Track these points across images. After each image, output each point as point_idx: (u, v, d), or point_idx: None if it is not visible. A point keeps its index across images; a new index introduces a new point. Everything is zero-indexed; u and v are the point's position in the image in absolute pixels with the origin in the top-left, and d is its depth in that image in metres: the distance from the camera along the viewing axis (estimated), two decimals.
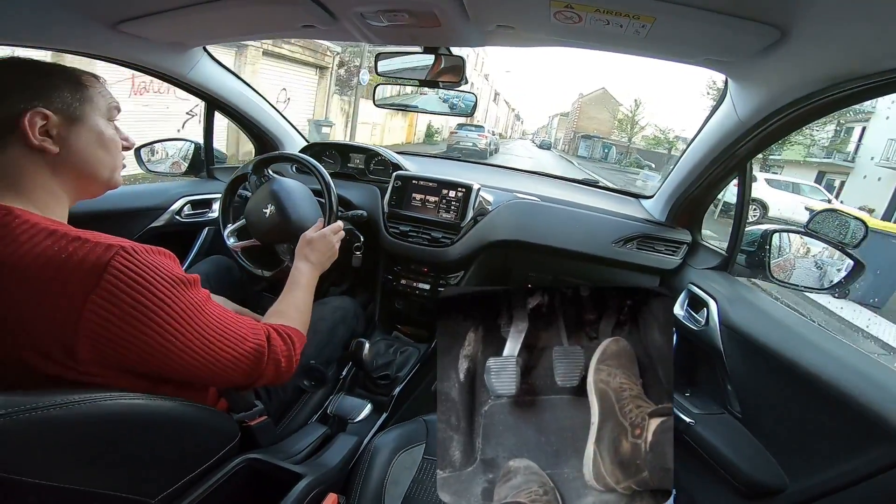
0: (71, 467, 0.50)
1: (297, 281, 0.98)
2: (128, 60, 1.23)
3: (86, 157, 0.66)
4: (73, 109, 0.64)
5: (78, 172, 0.66)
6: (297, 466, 0.83)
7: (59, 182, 0.64)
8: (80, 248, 0.54)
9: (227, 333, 0.67)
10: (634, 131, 35.17)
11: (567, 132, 53.67)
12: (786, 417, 0.92)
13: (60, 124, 0.63)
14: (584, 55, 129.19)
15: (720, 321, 1.10)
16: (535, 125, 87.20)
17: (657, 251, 1.44)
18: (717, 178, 1.25)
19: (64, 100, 0.63)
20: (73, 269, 0.52)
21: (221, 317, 0.67)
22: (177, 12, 0.99)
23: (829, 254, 1.12)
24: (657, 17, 0.71)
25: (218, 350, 0.65)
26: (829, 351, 0.87)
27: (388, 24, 0.96)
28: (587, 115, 45.88)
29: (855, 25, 0.62)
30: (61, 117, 0.63)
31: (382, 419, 1.32)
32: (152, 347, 0.58)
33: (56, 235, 0.55)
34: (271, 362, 0.73)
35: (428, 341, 1.63)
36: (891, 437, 0.69)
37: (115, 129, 0.71)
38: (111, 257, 0.54)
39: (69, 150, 0.64)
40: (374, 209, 1.55)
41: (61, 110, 0.63)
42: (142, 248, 0.58)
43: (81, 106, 0.65)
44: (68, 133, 0.64)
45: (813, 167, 17.50)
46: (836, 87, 0.77)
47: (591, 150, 38.53)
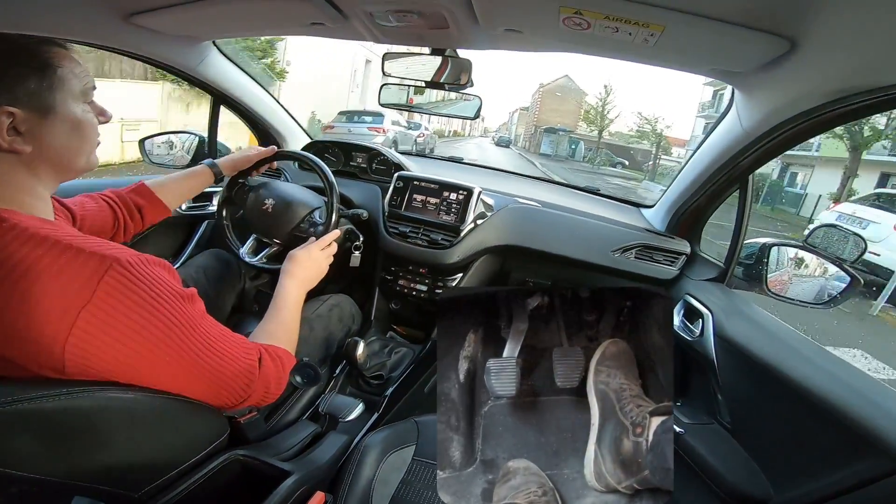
0: (54, 460, 0.50)
1: (284, 299, 0.91)
2: (139, 53, 1.23)
3: (62, 149, 0.61)
4: (42, 100, 0.58)
5: (55, 167, 0.62)
6: (286, 464, 0.82)
7: (36, 179, 0.60)
8: (73, 260, 0.51)
9: (220, 353, 0.64)
10: (605, 123, 30.61)
11: (527, 127, 48.72)
12: (775, 430, 0.92)
13: (30, 119, 0.57)
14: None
15: (714, 333, 1.10)
16: (497, 122, 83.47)
17: (656, 261, 1.44)
18: (719, 189, 1.25)
19: (30, 91, 0.57)
20: (65, 283, 0.50)
21: (215, 335, 0.64)
22: (190, 6, 0.99)
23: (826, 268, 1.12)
24: (667, 25, 0.72)
25: (209, 369, 0.62)
26: (821, 365, 0.87)
27: (396, 25, 0.96)
28: (549, 106, 41.73)
29: (865, 38, 0.62)
30: (29, 111, 0.56)
31: (374, 419, 1.31)
32: (141, 364, 0.55)
33: (48, 244, 0.51)
34: (261, 384, 0.70)
35: (423, 342, 1.63)
36: (876, 450, 0.70)
37: (90, 110, 0.65)
38: (105, 272, 0.51)
39: (43, 145, 0.59)
40: (374, 209, 1.55)
41: (29, 104, 0.56)
42: (137, 261, 0.55)
43: (52, 94, 0.59)
44: (40, 128, 0.58)
45: (874, 167, 13.09)
46: (842, 101, 0.77)
47: (556, 146, 33.31)
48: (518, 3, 0.81)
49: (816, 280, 1.13)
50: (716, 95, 23.79)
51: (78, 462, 0.52)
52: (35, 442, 0.48)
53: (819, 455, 0.80)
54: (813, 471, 0.81)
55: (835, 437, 0.77)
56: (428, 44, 1.11)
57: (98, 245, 0.54)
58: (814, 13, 0.62)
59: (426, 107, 1.38)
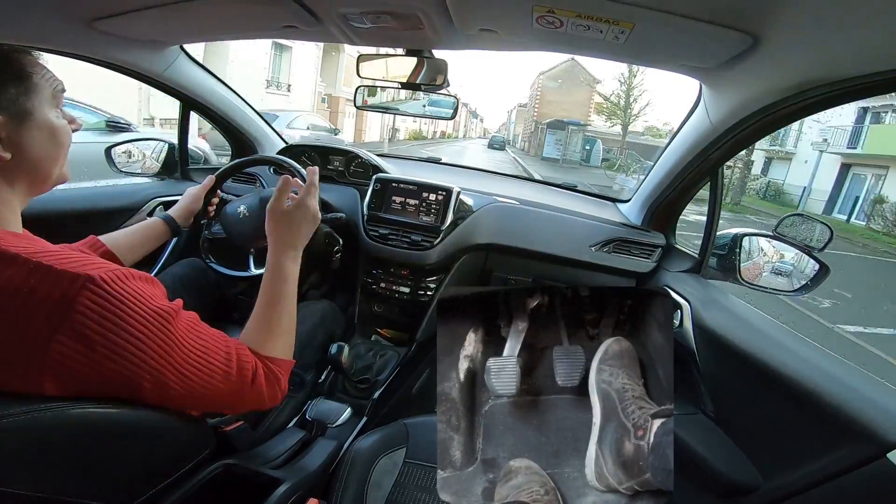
0: (38, 475, 0.48)
1: (283, 277, 0.80)
2: (103, 59, 1.20)
3: (40, 157, 0.60)
4: (19, 106, 0.57)
5: (32, 175, 0.60)
6: (277, 471, 0.81)
7: (11, 190, 0.58)
8: (43, 279, 0.48)
9: (208, 368, 0.60)
10: (630, 115, 22.82)
11: (526, 124, 40.94)
12: (758, 417, 0.94)
13: (8, 126, 0.56)
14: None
15: (693, 323, 1.13)
16: (498, 122, 79.43)
17: (633, 254, 1.47)
18: (691, 182, 1.29)
19: (9, 97, 0.56)
20: (36, 305, 0.47)
21: (203, 349, 0.61)
22: (155, 10, 0.96)
23: (796, 257, 1.16)
24: (636, 23, 0.73)
25: (194, 385, 0.59)
26: (798, 352, 0.90)
27: (371, 27, 0.96)
28: (551, 97, 33.76)
29: (824, 33, 0.65)
30: (8, 117, 0.55)
31: (362, 423, 1.30)
32: (124, 384, 0.53)
33: (17, 263, 0.48)
34: (251, 398, 0.67)
35: (408, 344, 1.63)
36: (859, 436, 0.72)
37: (62, 115, 0.64)
38: (77, 292, 0.48)
39: (21, 152, 0.57)
40: (353, 212, 1.54)
41: (7, 109, 0.55)
42: (115, 277, 0.52)
43: (28, 100, 0.58)
44: (18, 134, 0.57)
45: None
46: (805, 94, 0.80)
47: (564, 145, 23.84)
48: (492, 3, 0.82)
49: (787, 268, 1.18)
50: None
51: (63, 477, 0.51)
52: (19, 458, 0.46)
53: (803, 442, 0.83)
54: (798, 457, 0.83)
55: (817, 423, 0.79)
56: (403, 45, 1.11)
57: (73, 262, 0.51)
58: (774, 10, 0.64)
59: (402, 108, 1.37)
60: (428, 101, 1.36)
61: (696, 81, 1.02)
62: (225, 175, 1.29)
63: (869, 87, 0.72)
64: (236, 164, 1.33)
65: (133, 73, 1.31)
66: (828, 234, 1.09)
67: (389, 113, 1.47)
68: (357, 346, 1.58)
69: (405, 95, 1.36)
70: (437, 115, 1.36)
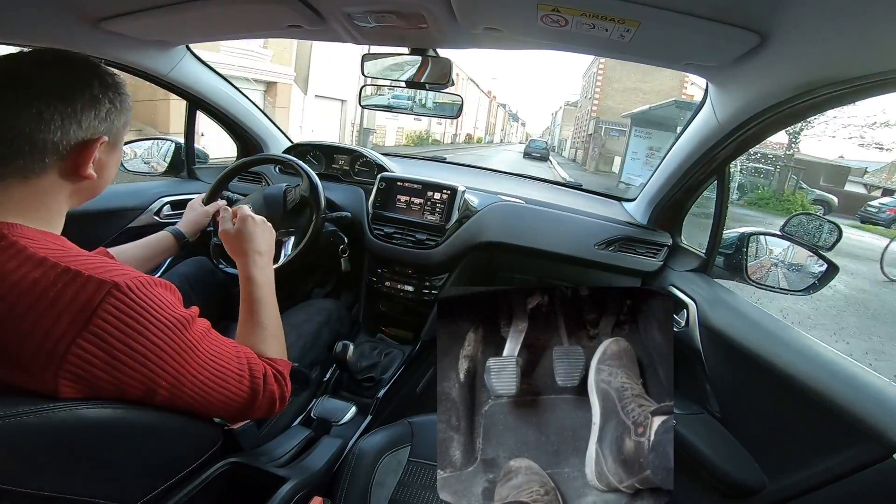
0: (46, 474, 0.49)
1: (257, 284, 0.85)
2: (108, 59, 1.20)
3: (108, 179, 0.63)
4: (117, 133, 0.60)
5: (93, 192, 0.63)
6: (281, 469, 0.82)
7: (69, 200, 0.61)
8: (70, 283, 0.49)
9: (222, 374, 0.62)
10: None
11: (579, 124, 29.72)
12: (764, 417, 0.94)
13: (106, 149, 0.59)
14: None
15: (699, 323, 1.12)
16: (542, 127, 70.92)
17: (638, 253, 1.46)
18: (697, 181, 1.28)
19: (115, 124, 0.59)
20: (62, 308, 0.48)
21: (218, 356, 0.62)
22: (161, 10, 0.97)
23: (804, 256, 1.15)
24: (642, 21, 0.73)
25: (210, 391, 0.61)
26: (805, 352, 0.89)
27: (375, 26, 0.96)
28: (618, 84, 22.08)
29: (832, 31, 0.64)
30: (109, 141, 0.59)
31: (367, 421, 1.31)
32: (138, 388, 0.54)
33: (46, 266, 0.50)
34: (265, 403, 0.69)
35: (412, 343, 1.63)
36: (866, 436, 0.72)
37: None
38: (102, 298, 0.49)
39: (102, 174, 0.61)
40: (358, 211, 1.54)
41: (110, 132, 0.59)
42: (138, 284, 0.53)
43: (123, 129, 0.61)
44: (108, 158, 0.60)
45: None
46: (813, 93, 0.79)
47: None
48: (497, 2, 0.81)
49: (795, 267, 1.17)
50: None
51: (70, 475, 0.51)
52: (28, 456, 0.47)
53: (809, 442, 0.82)
54: (804, 458, 0.82)
55: (823, 423, 0.79)
56: (407, 44, 1.10)
57: (98, 267, 0.52)
58: (782, 7, 0.64)
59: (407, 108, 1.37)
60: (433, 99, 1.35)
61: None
62: (230, 174, 1.29)
63: (879, 86, 0.71)
64: (241, 164, 1.33)
65: (139, 73, 1.32)
66: (836, 234, 1.08)
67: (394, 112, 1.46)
68: (362, 345, 1.59)
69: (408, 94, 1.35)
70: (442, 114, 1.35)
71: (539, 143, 27.87)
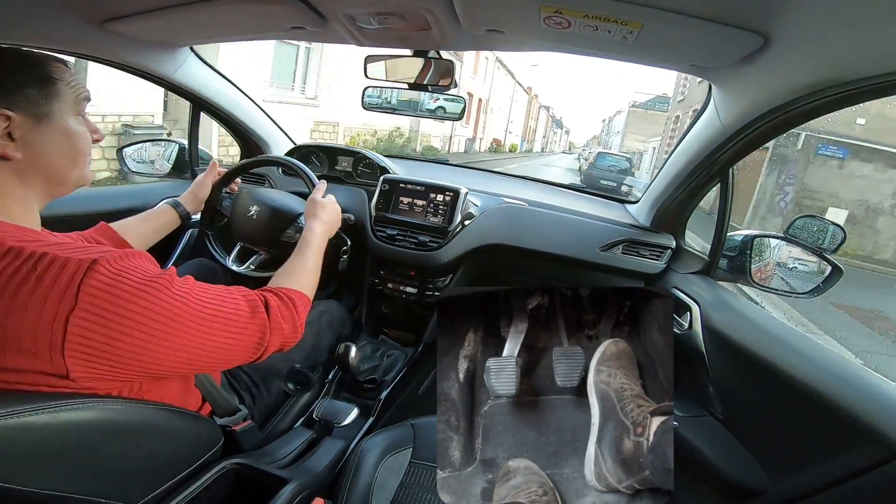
0: (47, 472, 0.49)
1: (308, 242, 0.95)
2: (113, 60, 1.21)
3: (53, 159, 0.61)
4: (38, 108, 0.58)
5: (46, 177, 0.62)
6: (283, 471, 0.82)
7: (27, 188, 0.60)
8: (49, 267, 0.50)
9: (221, 318, 0.63)
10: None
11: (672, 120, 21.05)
12: (767, 420, 0.93)
13: (24, 126, 0.57)
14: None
15: (703, 325, 1.12)
16: (588, 135, 58.45)
17: (642, 256, 1.46)
18: (700, 183, 1.27)
19: (29, 98, 0.57)
20: (45, 291, 0.49)
21: (211, 301, 0.63)
22: (165, 11, 0.97)
23: (808, 259, 1.15)
24: (645, 23, 0.73)
25: (215, 338, 0.62)
26: (808, 354, 0.88)
27: (378, 27, 0.96)
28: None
29: (836, 33, 0.64)
30: (25, 118, 0.57)
31: (369, 423, 1.31)
32: (148, 354, 0.55)
33: (24, 254, 0.51)
34: (276, 332, 0.70)
35: (414, 345, 1.63)
36: (869, 439, 0.71)
37: (83, 123, 0.65)
38: (84, 274, 0.50)
39: (34, 153, 0.59)
40: (361, 213, 1.54)
41: (25, 109, 0.57)
42: (117, 256, 0.54)
43: (48, 103, 0.59)
44: (33, 135, 0.58)
45: None
46: (817, 94, 0.79)
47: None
48: (500, 4, 0.81)
49: (798, 270, 1.16)
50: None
51: (73, 474, 0.52)
52: (27, 455, 0.47)
53: (812, 444, 0.82)
54: (807, 460, 0.82)
55: (826, 426, 0.79)
56: (410, 46, 1.10)
57: (77, 249, 0.54)
58: (785, 9, 0.63)
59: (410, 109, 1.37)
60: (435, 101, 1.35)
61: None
62: (232, 175, 1.30)
63: (884, 87, 0.70)
64: (244, 165, 1.34)
65: (144, 75, 1.33)
66: (840, 236, 1.07)
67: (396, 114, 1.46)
68: (364, 347, 1.59)
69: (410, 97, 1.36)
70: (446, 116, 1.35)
71: (613, 160, 14.70)
